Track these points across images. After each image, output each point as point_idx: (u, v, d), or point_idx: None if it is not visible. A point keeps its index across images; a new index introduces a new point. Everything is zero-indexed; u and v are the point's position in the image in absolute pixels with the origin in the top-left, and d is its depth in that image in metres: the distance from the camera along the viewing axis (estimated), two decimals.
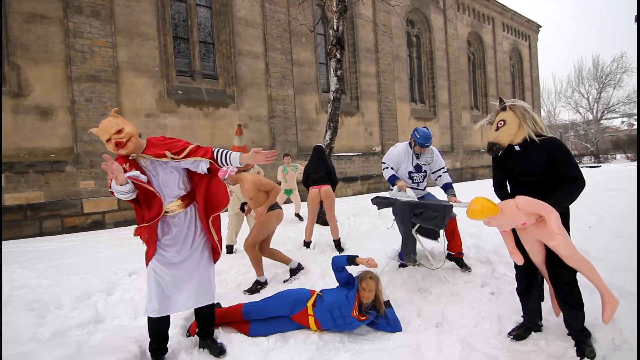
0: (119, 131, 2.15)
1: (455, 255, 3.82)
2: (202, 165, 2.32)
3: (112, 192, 2.19)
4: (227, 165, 2.29)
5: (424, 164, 3.93)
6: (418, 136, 3.80)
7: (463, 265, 3.80)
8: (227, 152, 2.30)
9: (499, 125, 2.37)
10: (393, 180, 3.81)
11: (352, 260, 2.89)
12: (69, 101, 7.42)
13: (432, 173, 4.02)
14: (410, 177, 3.95)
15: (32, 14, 7.09)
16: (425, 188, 4.09)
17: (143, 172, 2.25)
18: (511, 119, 2.34)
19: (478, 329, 2.71)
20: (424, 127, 3.93)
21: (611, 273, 3.33)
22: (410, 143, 3.94)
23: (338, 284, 2.93)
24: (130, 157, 2.25)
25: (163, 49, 8.81)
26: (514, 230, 2.43)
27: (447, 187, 3.86)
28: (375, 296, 2.75)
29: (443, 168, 3.99)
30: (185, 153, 2.27)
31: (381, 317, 2.80)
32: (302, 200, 7.57)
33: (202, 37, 9.86)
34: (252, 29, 10.30)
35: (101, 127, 2.19)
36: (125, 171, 2.16)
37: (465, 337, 2.53)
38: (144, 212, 2.28)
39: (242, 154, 2.29)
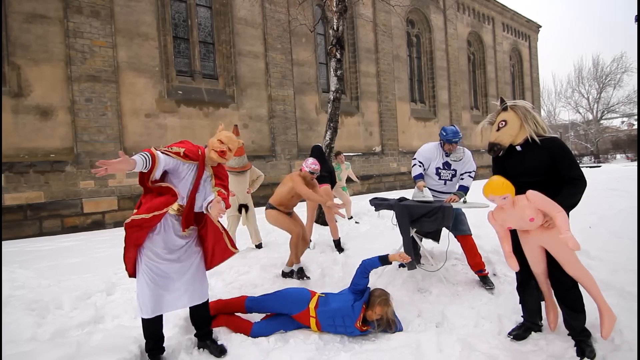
0: (231, 150, 2.43)
1: (477, 274, 3.58)
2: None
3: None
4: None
5: (454, 161, 3.85)
6: (445, 133, 3.77)
7: (486, 283, 3.49)
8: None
9: (500, 126, 2.37)
10: (417, 179, 3.78)
11: (384, 260, 2.80)
12: (69, 101, 7.42)
13: (460, 174, 3.88)
14: (438, 174, 3.88)
15: (32, 14, 7.09)
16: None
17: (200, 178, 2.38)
18: (512, 119, 2.33)
19: (478, 329, 2.71)
20: (452, 125, 3.91)
21: (611, 273, 3.34)
22: (440, 142, 3.89)
23: (349, 288, 2.83)
24: (203, 162, 2.40)
25: (163, 49, 8.81)
26: (515, 238, 2.42)
27: (459, 188, 3.79)
28: (383, 318, 2.67)
29: (470, 172, 3.86)
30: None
31: None
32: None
33: (202, 37, 9.86)
34: (252, 29, 10.30)
35: (231, 136, 2.45)
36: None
37: (465, 337, 2.53)
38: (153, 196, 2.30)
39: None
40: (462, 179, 3.87)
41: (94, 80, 7.64)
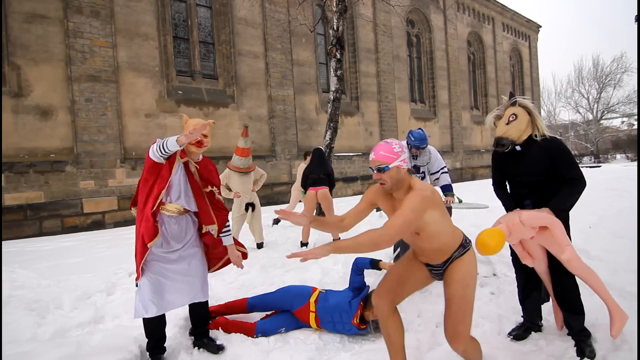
0: (206, 136, 2.38)
1: None
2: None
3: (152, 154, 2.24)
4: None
5: (421, 165, 3.81)
6: (412, 138, 3.69)
7: None
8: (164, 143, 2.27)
9: (511, 119, 2.31)
10: None
11: (375, 264, 2.80)
12: (69, 101, 7.42)
13: (431, 174, 3.87)
14: None
15: (32, 14, 7.09)
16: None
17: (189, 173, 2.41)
18: (522, 114, 2.31)
19: (478, 329, 2.71)
20: (419, 128, 3.82)
21: (611, 273, 3.33)
22: (407, 144, 3.82)
23: (348, 286, 2.86)
24: (183, 158, 2.38)
25: (163, 49, 8.81)
26: None
27: (445, 189, 3.74)
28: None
29: (442, 169, 3.80)
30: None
31: None
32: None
33: (202, 37, 9.86)
34: (252, 29, 10.31)
35: (200, 122, 2.36)
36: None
37: None
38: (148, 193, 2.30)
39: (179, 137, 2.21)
40: (437, 178, 3.80)
41: (94, 80, 7.64)
